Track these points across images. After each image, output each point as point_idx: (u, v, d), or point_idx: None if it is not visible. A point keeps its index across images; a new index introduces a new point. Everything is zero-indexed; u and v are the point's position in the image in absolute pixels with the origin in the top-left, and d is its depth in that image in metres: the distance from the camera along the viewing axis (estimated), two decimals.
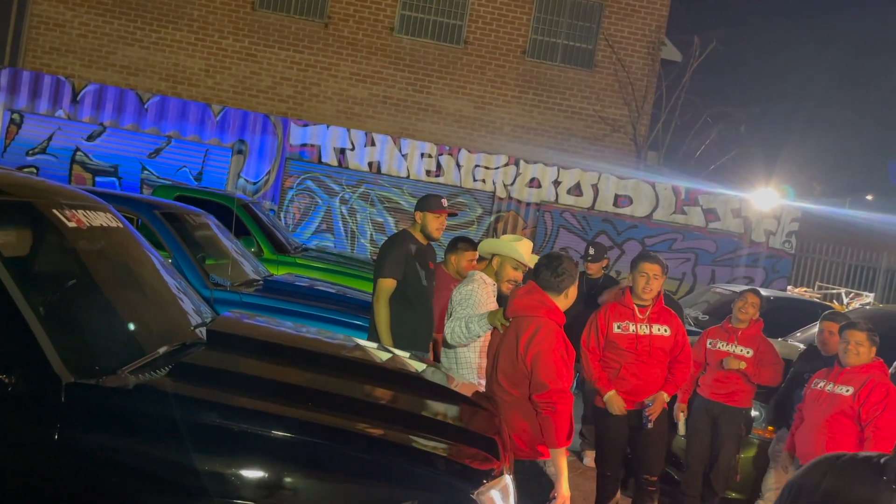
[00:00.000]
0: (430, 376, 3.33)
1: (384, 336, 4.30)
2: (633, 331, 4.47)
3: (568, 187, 11.79)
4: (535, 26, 13.87)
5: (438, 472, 2.44)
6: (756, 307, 5.25)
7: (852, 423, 4.17)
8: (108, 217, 3.20)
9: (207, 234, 5.97)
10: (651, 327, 4.49)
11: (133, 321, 2.97)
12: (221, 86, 13.69)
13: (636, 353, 4.46)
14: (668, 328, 4.50)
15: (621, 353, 4.49)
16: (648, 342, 4.46)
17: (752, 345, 5.18)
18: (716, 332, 5.36)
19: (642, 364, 4.46)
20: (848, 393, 4.19)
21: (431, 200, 4.64)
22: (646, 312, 4.49)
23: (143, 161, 11.28)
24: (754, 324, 5.27)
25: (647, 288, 4.42)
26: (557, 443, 3.28)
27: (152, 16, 13.58)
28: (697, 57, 14.31)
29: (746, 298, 5.26)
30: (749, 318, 5.24)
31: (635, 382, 4.48)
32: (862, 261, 15.17)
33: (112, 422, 2.30)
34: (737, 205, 12.05)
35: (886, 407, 4.07)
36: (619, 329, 4.50)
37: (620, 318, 4.52)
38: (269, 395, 2.56)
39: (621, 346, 4.48)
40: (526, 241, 4.03)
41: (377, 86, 13.78)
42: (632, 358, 4.47)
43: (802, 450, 4.36)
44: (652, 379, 4.49)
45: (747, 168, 16.04)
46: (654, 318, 4.50)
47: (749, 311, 5.23)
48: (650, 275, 4.43)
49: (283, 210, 11.52)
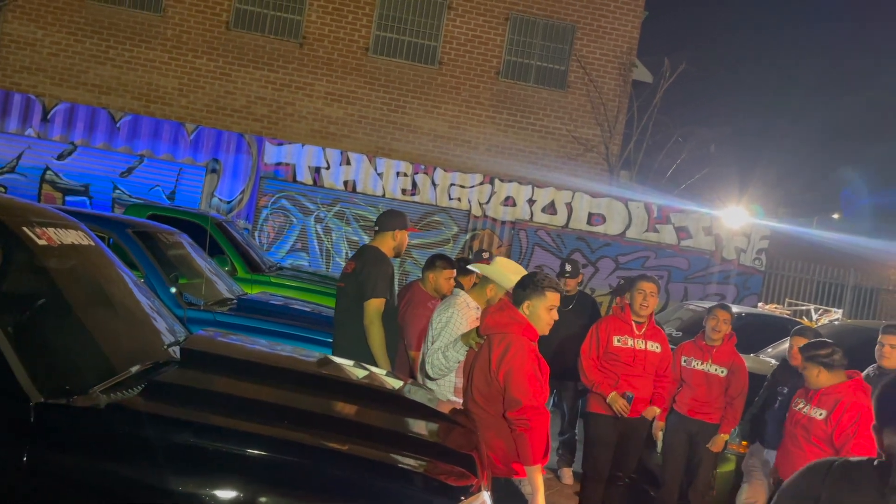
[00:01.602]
0: (406, 393, 3.32)
1: (381, 358, 4.20)
2: (631, 345, 4.89)
3: (542, 206, 11.88)
4: (508, 48, 14.03)
5: (416, 489, 2.43)
6: (728, 322, 5.32)
7: (826, 446, 4.05)
8: (79, 235, 3.16)
9: (181, 253, 5.91)
10: (647, 343, 4.93)
11: (104, 340, 2.92)
12: (195, 105, 13.63)
13: (633, 366, 4.87)
14: (659, 345, 4.97)
15: (620, 365, 4.88)
16: (644, 357, 4.89)
17: (725, 364, 5.24)
18: (690, 350, 5.39)
19: (637, 377, 4.88)
20: (821, 417, 4.10)
21: (404, 218, 4.62)
22: (642, 329, 4.93)
23: (115, 180, 11.16)
24: (728, 341, 5.33)
25: (644, 304, 4.88)
26: (532, 460, 3.28)
27: (125, 35, 13.52)
28: (668, 78, 14.57)
29: (717, 316, 5.29)
30: (722, 335, 5.30)
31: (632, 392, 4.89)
32: (830, 278, 15.45)
33: (83, 442, 2.25)
34: (708, 223, 12.23)
35: (857, 430, 3.92)
36: (619, 343, 4.90)
37: (620, 333, 4.92)
38: (244, 414, 2.54)
39: (621, 359, 4.88)
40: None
41: (352, 105, 13.82)
42: (628, 370, 4.87)
43: (784, 472, 4.27)
44: (645, 391, 4.94)
45: (718, 187, 16.32)
46: (649, 334, 4.95)
47: (722, 329, 5.28)
48: (647, 292, 4.88)
49: (257, 229, 11.45)
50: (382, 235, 4.58)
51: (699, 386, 5.23)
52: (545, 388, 3.43)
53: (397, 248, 4.57)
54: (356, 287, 4.38)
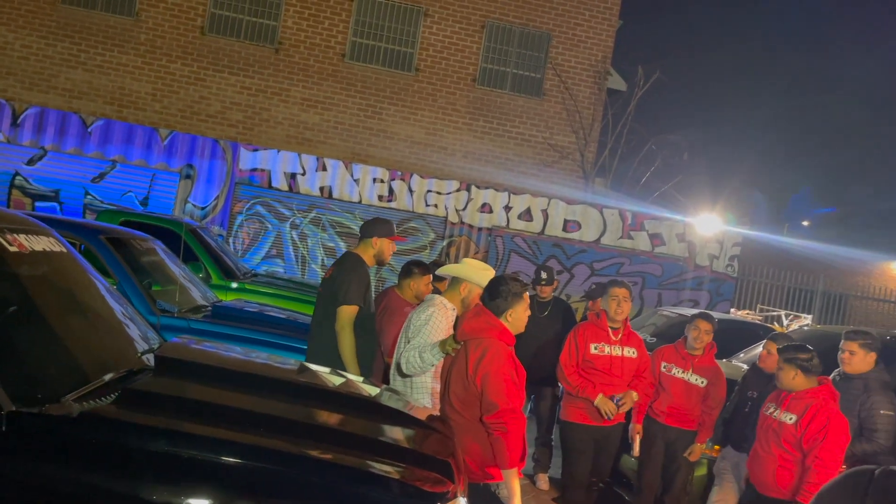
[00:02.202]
0: (382, 400, 3.32)
1: (351, 364, 4.21)
2: (608, 352, 4.90)
3: (518, 212, 11.95)
4: (484, 55, 14.11)
5: (392, 496, 2.43)
6: (710, 333, 5.35)
7: (795, 450, 4.09)
8: (50, 241, 3.12)
9: (154, 260, 5.85)
10: (623, 349, 4.93)
11: (77, 348, 2.88)
12: (169, 110, 13.50)
13: (609, 373, 4.86)
14: (635, 350, 4.97)
15: (596, 373, 4.87)
16: (621, 363, 4.89)
17: (706, 374, 5.29)
18: (670, 356, 5.40)
19: (611, 385, 4.86)
20: (791, 421, 4.15)
21: (389, 226, 4.61)
22: (618, 335, 4.93)
23: (87, 185, 11.01)
24: (709, 351, 5.37)
25: (618, 310, 4.90)
26: (509, 463, 3.29)
27: (97, 39, 13.36)
28: (642, 86, 14.75)
29: (699, 326, 5.31)
30: (704, 345, 5.35)
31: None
32: (800, 284, 15.72)
33: (56, 451, 2.22)
34: (681, 230, 12.38)
35: (826, 436, 3.96)
36: (595, 350, 4.90)
37: (597, 340, 4.93)
38: (219, 422, 2.52)
39: (597, 366, 4.87)
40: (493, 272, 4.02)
41: (329, 111, 13.79)
42: (605, 378, 4.86)
43: (756, 475, 4.32)
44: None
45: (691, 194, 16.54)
46: (625, 340, 4.95)
47: (704, 339, 5.32)
48: (620, 297, 4.91)
49: (232, 235, 11.36)
50: (363, 243, 4.59)
51: (678, 394, 5.26)
52: (522, 393, 3.45)
53: (378, 255, 4.55)
54: (332, 293, 4.38)
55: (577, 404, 4.89)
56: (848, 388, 4.55)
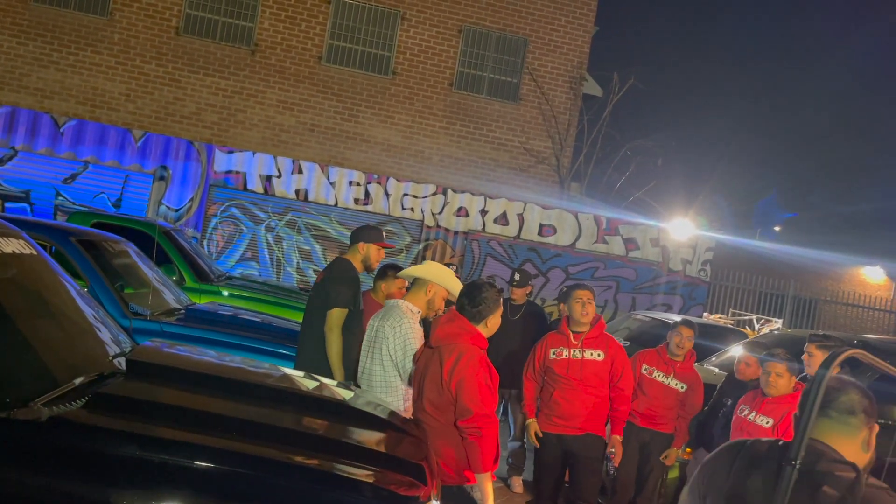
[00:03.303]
0: (356, 403, 3.32)
1: (336, 367, 4.22)
2: (566, 356, 4.73)
3: (494, 216, 12.00)
4: (461, 59, 14.16)
5: (366, 499, 2.44)
6: (692, 339, 5.40)
7: None
8: (20, 244, 3.08)
9: (126, 262, 5.79)
10: (584, 352, 4.72)
11: (46, 351, 2.85)
12: (143, 111, 13.36)
13: (567, 377, 4.69)
14: (601, 353, 4.73)
15: (555, 377, 4.74)
16: (580, 366, 4.68)
17: (686, 380, 5.35)
18: (652, 359, 5.41)
19: (573, 389, 4.68)
20: (767, 424, 4.21)
21: (375, 233, 4.66)
22: (580, 338, 4.74)
23: (58, 186, 10.86)
24: (689, 358, 5.43)
25: (583, 312, 4.72)
26: (483, 467, 3.31)
27: (70, 38, 13.19)
28: (617, 92, 14.89)
29: (682, 333, 5.35)
30: (685, 351, 5.40)
31: (566, 406, 4.69)
32: (771, 288, 15.96)
33: (24, 457, 2.20)
34: (655, 234, 12.52)
35: None
36: (553, 355, 4.77)
37: (556, 345, 4.79)
38: (191, 426, 2.51)
39: (556, 371, 4.73)
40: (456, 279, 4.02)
41: (305, 114, 13.74)
42: (563, 383, 4.70)
43: None
44: (583, 404, 4.69)
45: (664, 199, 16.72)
46: (588, 343, 4.74)
47: (686, 346, 5.37)
48: (584, 300, 4.74)
49: (206, 238, 11.26)
50: (351, 248, 4.66)
51: (655, 397, 5.29)
52: (496, 397, 3.47)
53: (364, 261, 4.60)
54: (322, 298, 4.41)
55: (545, 412, 4.80)
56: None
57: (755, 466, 1.96)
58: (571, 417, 4.68)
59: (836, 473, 1.87)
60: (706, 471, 2.10)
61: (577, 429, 4.70)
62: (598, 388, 4.72)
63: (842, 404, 1.97)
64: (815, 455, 1.89)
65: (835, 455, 1.92)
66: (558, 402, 4.71)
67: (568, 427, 4.70)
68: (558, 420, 4.71)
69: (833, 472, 1.87)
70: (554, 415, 4.72)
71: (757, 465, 1.96)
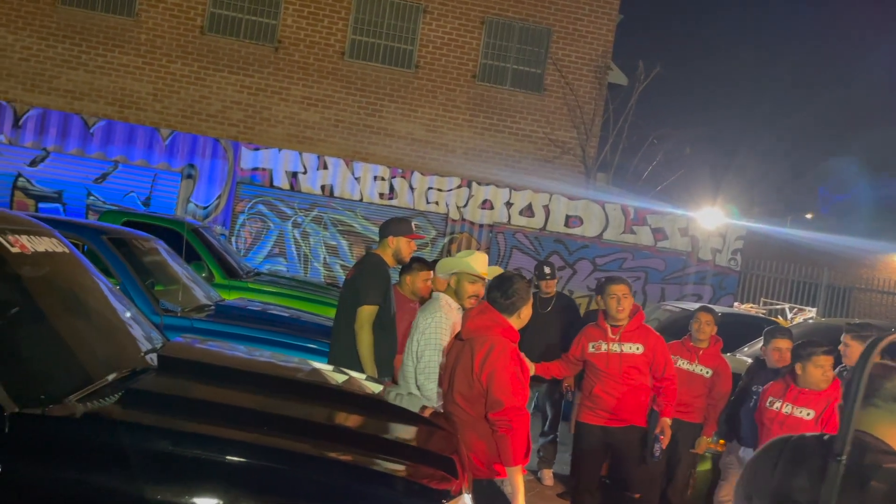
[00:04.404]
0: (386, 397, 3.32)
1: (368, 363, 4.21)
2: (604, 350, 4.76)
3: (520, 208, 11.93)
4: (484, 51, 14.09)
5: (397, 493, 2.43)
6: (711, 324, 5.37)
7: None
8: (53, 242, 3.12)
9: (157, 260, 5.85)
10: (622, 346, 4.75)
11: (80, 348, 2.88)
12: (170, 110, 13.50)
13: (608, 371, 4.72)
14: (640, 346, 4.75)
15: (596, 371, 4.77)
16: (619, 360, 4.71)
17: (711, 365, 5.29)
18: (677, 350, 5.40)
19: (615, 383, 4.71)
20: (809, 417, 4.14)
21: (405, 225, 4.62)
22: (618, 332, 4.76)
23: (89, 186, 11.02)
24: (714, 343, 5.39)
25: (619, 308, 4.73)
26: (514, 461, 3.29)
27: (98, 39, 13.36)
28: (642, 81, 14.71)
29: (700, 318, 5.36)
30: (708, 336, 5.35)
31: (609, 401, 4.73)
32: (804, 277, 15.68)
33: (59, 452, 2.22)
34: (684, 224, 12.35)
35: None
36: (592, 349, 4.80)
37: (595, 338, 4.82)
38: (223, 420, 2.52)
39: (596, 366, 4.76)
40: (479, 254, 4.04)
41: (329, 109, 13.78)
42: (604, 377, 4.73)
43: None
44: (626, 397, 4.73)
45: (693, 188, 16.51)
46: (627, 336, 4.76)
47: (706, 330, 5.34)
48: (619, 295, 4.75)
49: (234, 234, 11.36)
50: (381, 243, 4.63)
51: (681, 384, 5.25)
52: (527, 390, 3.45)
53: (395, 254, 4.57)
54: (353, 294, 4.40)
55: (587, 404, 4.84)
56: None
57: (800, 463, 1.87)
58: (616, 410, 4.72)
59: (886, 466, 1.78)
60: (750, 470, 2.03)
61: (622, 421, 4.73)
62: (640, 381, 4.73)
63: (887, 391, 1.87)
64: (862, 448, 1.79)
65: (883, 446, 1.83)
66: (601, 396, 4.74)
67: (613, 419, 4.74)
68: (602, 413, 4.75)
69: (882, 465, 1.78)
70: (598, 408, 4.76)
71: (802, 461, 1.87)
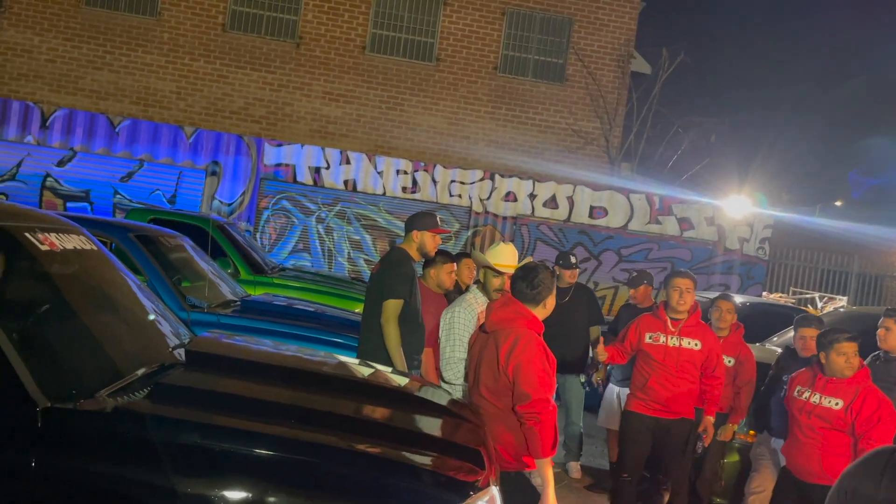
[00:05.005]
0: (412, 390, 3.32)
1: (396, 357, 4.22)
2: (663, 342, 4.76)
3: (543, 200, 11.86)
4: (505, 42, 14.01)
5: (424, 486, 2.43)
6: (731, 312, 5.31)
7: (845, 435, 4.05)
8: (81, 240, 3.15)
9: (183, 256, 5.91)
10: (681, 340, 4.76)
11: (110, 343, 2.91)
12: (193, 108, 13.62)
13: (664, 364, 4.73)
14: (699, 342, 4.77)
15: (652, 363, 4.77)
16: (677, 354, 4.73)
17: (733, 353, 5.23)
18: None
19: (671, 376, 4.73)
20: (838, 406, 4.08)
21: (430, 220, 4.61)
22: (678, 325, 4.78)
23: (115, 185, 11.16)
24: (735, 331, 5.32)
25: (680, 301, 4.75)
26: (542, 453, 3.27)
27: (121, 39, 13.51)
28: (666, 69, 14.53)
29: (720, 307, 5.31)
30: (728, 325, 5.29)
31: (664, 393, 4.75)
32: (834, 265, 15.42)
33: (91, 446, 2.25)
34: (710, 213, 12.21)
35: (880, 419, 3.94)
36: (650, 339, 4.80)
37: (653, 329, 4.82)
38: (251, 414, 2.53)
39: (653, 357, 4.76)
40: (502, 247, 4.03)
41: (350, 104, 13.81)
42: (660, 370, 4.74)
43: (795, 462, 4.26)
44: (680, 391, 4.76)
45: (719, 177, 16.29)
46: (686, 332, 4.77)
47: (727, 319, 5.28)
48: (683, 288, 4.76)
49: (258, 230, 11.45)
50: (406, 237, 4.63)
51: None
52: (553, 381, 3.42)
53: (420, 248, 4.56)
54: (378, 289, 4.41)
55: (639, 395, 4.83)
56: (890, 369, 4.45)
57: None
58: (669, 403, 4.74)
59: None
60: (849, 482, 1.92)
61: (674, 413, 4.75)
62: (693, 375, 4.77)
63: None
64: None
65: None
66: (655, 388, 4.75)
67: (664, 412, 4.75)
68: (654, 404, 4.76)
69: None
70: (650, 399, 4.76)
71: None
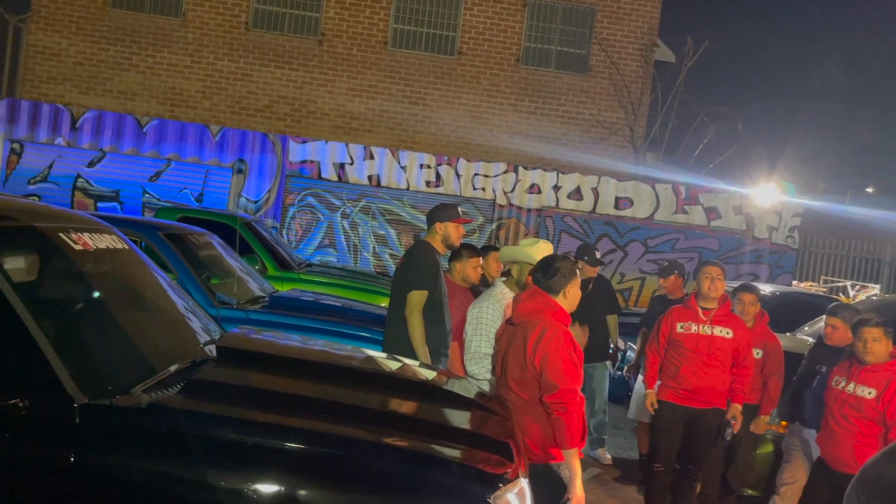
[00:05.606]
0: (441, 384, 3.34)
1: (420, 349, 4.24)
2: (695, 330, 4.80)
3: (568, 192, 11.80)
4: (527, 34, 13.94)
5: (453, 478, 2.44)
6: (754, 303, 5.25)
7: (878, 425, 4.02)
8: (113, 239, 3.21)
9: (211, 254, 5.98)
10: (713, 329, 4.79)
11: (143, 340, 2.97)
12: (219, 106, 13.76)
13: (696, 352, 4.76)
14: (730, 331, 4.80)
15: (683, 352, 4.80)
16: (709, 342, 4.75)
17: (759, 344, 5.17)
18: None
19: (702, 364, 4.76)
20: (871, 396, 4.05)
21: (451, 210, 4.61)
22: (709, 314, 4.81)
23: (144, 184, 11.33)
24: (760, 321, 5.27)
25: (712, 287, 4.79)
26: (570, 444, 3.27)
27: (147, 41, 13.68)
28: (691, 57, 14.36)
29: (742, 299, 5.25)
30: (752, 315, 5.23)
31: (695, 382, 4.77)
32: (866, 253, 15.15)
33: (127, 441, 2.30)
34: (738, 202, 12.05)
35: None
36: (681, 329, 4.84)
37: (684, 319, 4.86)
38: (282, 408, 2.57)
39: (684, 346, 4.80)
40: (543, 244, 4.02)
41: (373, 100, 13.85)
42: (692, 357, 4.77)
43: (829, 452, 4.24)
44: (711, 380, 4.78)
45: (746, 165, 16.07)
46: (718, 320, 4.80)
47: (750, 311, 5.22)
48: (714, 276, 4.80)
49: (285, 227, 11.55)
50: (429, 230, 4.65)
51: None
52: (580, 372, 3.42)
53: (444, 240, 4.57)
54: (403, 282, 4.43)
55: (671, 384, 4.85)
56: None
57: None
58: (700, 392, 4.76)
59: None
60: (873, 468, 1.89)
61: (706, 403, 4.77)
62: (725, 364, 4.78)
63: None
64: None
65: None
66: (686, 377, 4.77)
67: (696, 401, 4.77)
68: (686, 393, 4.78)
69: None
70: (681, 388, 4.78)
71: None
